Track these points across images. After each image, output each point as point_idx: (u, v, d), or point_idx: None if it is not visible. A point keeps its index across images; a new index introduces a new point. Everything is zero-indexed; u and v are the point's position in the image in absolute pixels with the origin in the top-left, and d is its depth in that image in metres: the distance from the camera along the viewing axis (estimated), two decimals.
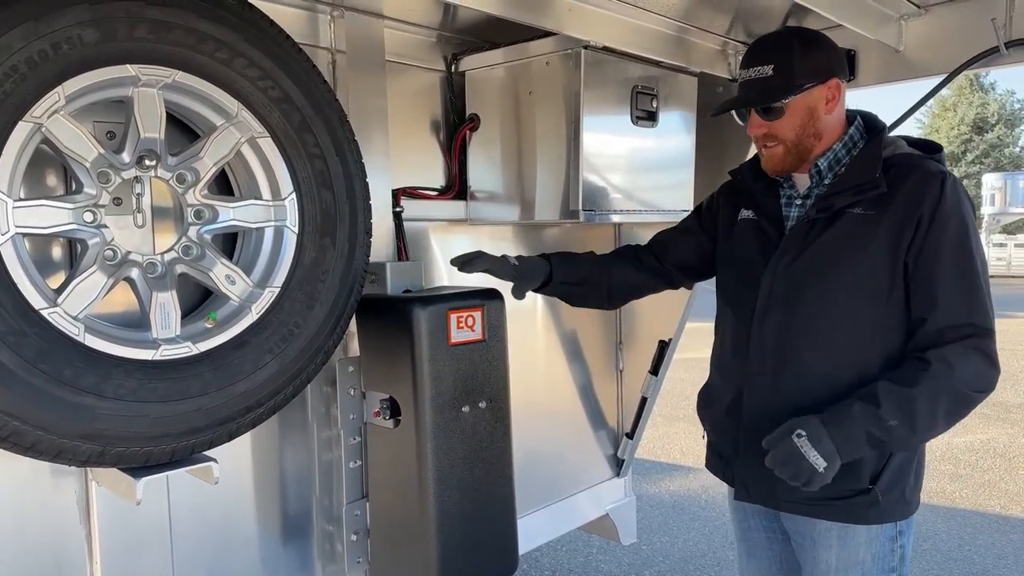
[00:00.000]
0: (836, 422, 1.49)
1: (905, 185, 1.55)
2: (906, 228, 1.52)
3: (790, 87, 1.57)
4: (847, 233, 1.57)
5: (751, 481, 1.71)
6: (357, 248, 1.67)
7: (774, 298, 1.65)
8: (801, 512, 1.67)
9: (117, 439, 1.33)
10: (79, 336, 1.32)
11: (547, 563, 3.94)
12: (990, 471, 5.43)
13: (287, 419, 1.94)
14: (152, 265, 1.47)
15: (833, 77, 1.59)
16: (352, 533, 2.00)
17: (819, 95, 1.59)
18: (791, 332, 1.63)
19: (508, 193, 2.29)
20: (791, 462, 1.49)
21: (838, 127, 1.64)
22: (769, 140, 1.64)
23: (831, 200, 1.59)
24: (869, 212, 1.56)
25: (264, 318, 1.54)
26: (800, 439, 1.48)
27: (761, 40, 1.68)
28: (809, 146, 1.62)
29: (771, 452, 1.52)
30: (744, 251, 1.76)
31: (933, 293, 1.52)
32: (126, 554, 1.66)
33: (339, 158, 1.63)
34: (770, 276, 1.65)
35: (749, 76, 1.62)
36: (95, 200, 1.38)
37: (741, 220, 1.78)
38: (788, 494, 1.64)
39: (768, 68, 1.58)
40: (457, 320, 1.82)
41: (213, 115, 1.51)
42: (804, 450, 1.47)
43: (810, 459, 1.47)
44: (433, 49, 2.29)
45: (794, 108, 1.59)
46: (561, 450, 2.79)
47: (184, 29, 1.39)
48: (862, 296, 1.56)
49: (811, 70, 1.57)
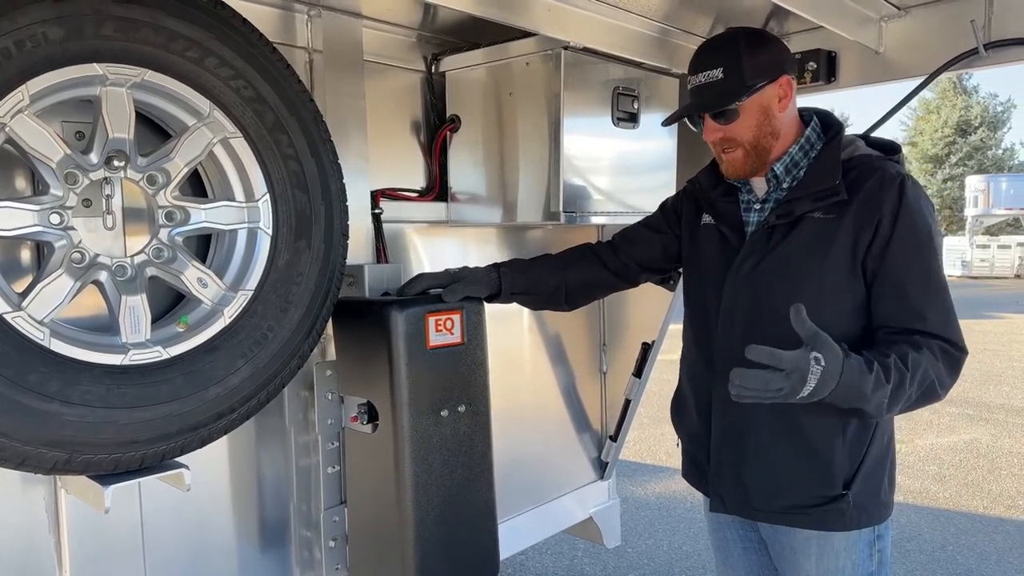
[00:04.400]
0: (854, 374, 1.36)
1: (864, 188, 1.53)
2: (864, 231, 1.50)
3: (742, 88, 1.53)
4: (807, 238, 1.55)
5: (725, 492, 1.69)
6: (333, 250, 1.65)
7: (737, 305, 1.63)
8: (776, 521, 1.65)
9: (84, 446, 1.30)
10: (44, 341, 1.28)
11: (532, 567, 3.92)
12: (973, 471, 5.46)
13: (264, 424, 1.91)
14: (122, 268, 1.44)
15: (784, 74, 1.57)
16: (330, 539, 1.98)
17: (771, 93, 1.56)
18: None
19: (489, 195, 2.27)
20: (792, 375, 1.32)
21: (793, 126, 1.62)
22: (727, 144, 1.60)
23: (791, 206, 1.57)
24: (829, 216, 1.54)
25: (237, 322, 1.51)
26: (816, 364, 1.33)
27: (707, 44, 1.64)
28: (768, 146, 1.59)
29: (784, 354, 1.33)
30: (706, 257, 1.73)
31: (902, 300, 1.50)
32: (96, 564, 1.63)
33: (314, 159, 1.61)
34: (732, 282, 1.63)
35: (699, 81, 1.58)
36: (62, 202, 1.35)
37: (704, 225, 1.76)
38: (763, 504, 1.62)
39: (717, 71, 1.54)
40: (436, 323, 1.79)
41: (184, 115, 1.48)
42: (811, 373, 1.32)
43: (809, 384, 1.32)
44: (413, 49, 2.27)
45: (748, 109, 1.56)
46: (544, 453, 2.77)
47: (153, 27, 1.36)
48: (824, 301, 1.52)
49: (761, 68, 1.54)
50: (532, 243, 2.64)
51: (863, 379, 1.38)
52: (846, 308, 1.54)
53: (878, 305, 1.53)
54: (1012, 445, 6.07)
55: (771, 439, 1.60)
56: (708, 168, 1.76)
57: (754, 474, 1.63)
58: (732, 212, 1.69)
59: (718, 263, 1.68)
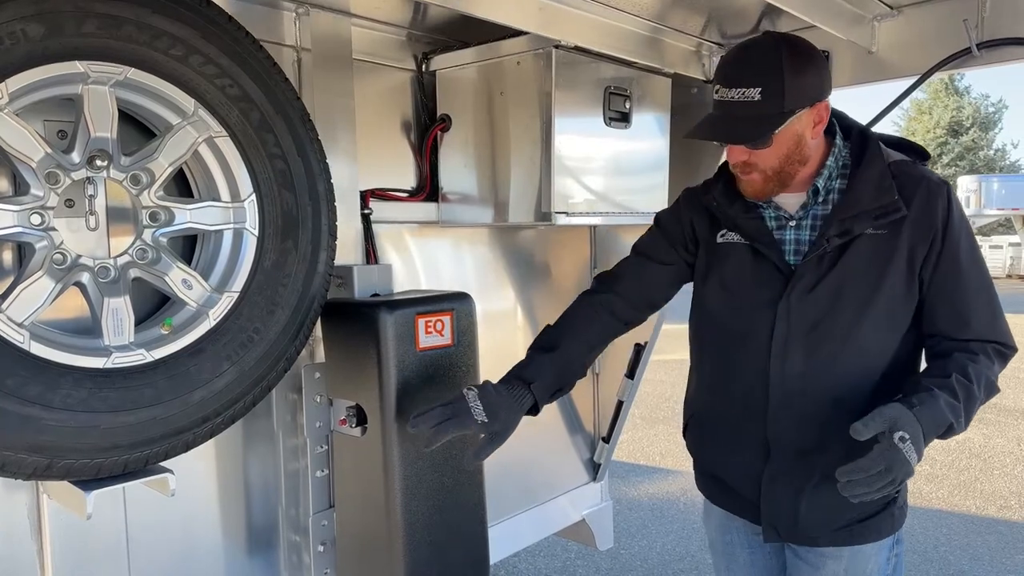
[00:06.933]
0: (929, 418, 1.36)
1: (915, 201, 1.47)
2: (920, 245, 1.47)
3: (779, 116, 1.41)
4: (864, 257, 1.49)
5: (781, 523, 1.62)
6: (321, 251, 1.62)
7: (793, 332, 1.52)
8: (834, 543, 1.59)
9: (65, 451, 1.28)
10: (24, 344, 1.26)
11: (524, 569, 3.91)
12: (965, 471, 5.47)
13: (251, 428, 1.88)
14: (104, 269, 1.41)
15: (823, 99, 1.47)
16: (319, 544, 1.95)
17: (807, 120, 1.45)
18: (816, 368, 1.52)
19: (480, 195, 2.25)
20: (896, 468, 1.29)
21: (821, 143, 1.53)
22: (748, 168, 1.50)
23: (848, 224, 1.48)
24: (882, 232, 1.48)
25: (222, 324, 1.49)
26: (904, 443, 1.30)
27: (743, 52, 1.48)
28: (793, 172, 1.50)
29: (870, 462, 1.30)
30: (740, 280, 1.60)
31: (961, 312, 1.49)
32: (80, 571, 1.60)
33: (301, 158, 1.59)
34: (785, 308, 1.53)
35: (731, 97, 1.43)
36: (43, 202, 1.32)
37: (726, 244, 1.63)
38: (821, 529, 1.58)
39: (755, 92, 1.40)
40: (425, 325, 1.77)
41: (169, 114, 1.46)
42: (908, 455, 1.30)
43: (911, 463, 1.31)
44: (403, 48, 2.25)
45: (782, 137, 1.44)
46: (537, 455, 2.75)
47: (136, 24, 1.34)
48: (884, 319, 1.50)
49: (802, 93, 1.42)
50: (523, 244, 2.63)
51: (938, 414, 1.37)
52: (904, 323, 1.52)
53: (932, 315, 1.51)
54: (1005, 445, 6.08)
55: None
56: (723, 182, 1.63)
57: (815, 504, 1.57)
58: (762, 230, 1.57)
59: (759, 286, 1.57)
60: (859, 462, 1.30)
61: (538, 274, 2.69)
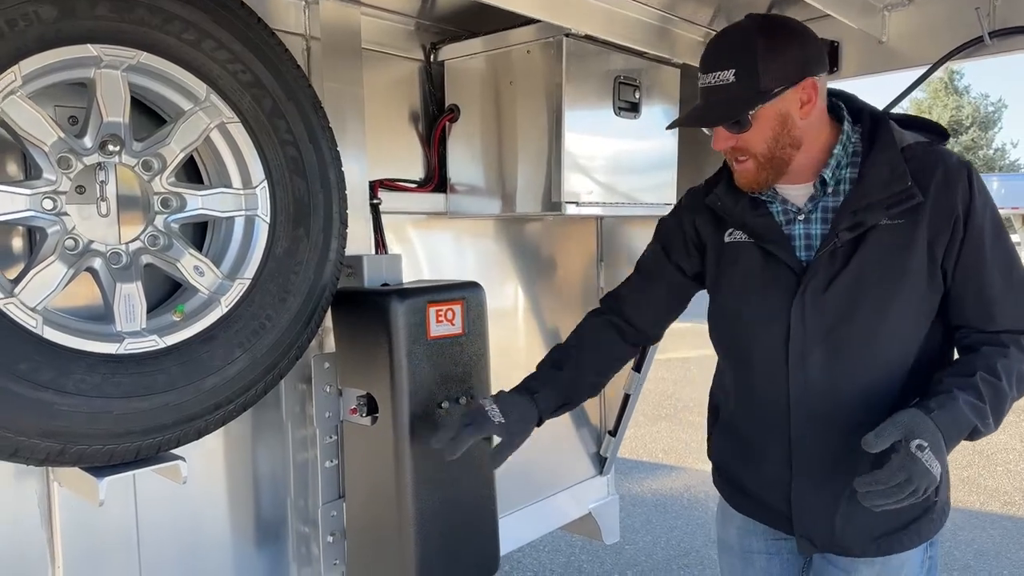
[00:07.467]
0: (949, 422, 1.30)
1: (932, 185, 1.39)
2: (942, 233, 1.39)
3: (755, 96, 1.36)
4: (881, 249, 1.41)
5: (816, 534, 1.55)
6: (332, 239, 1.61)
7: (810, 335, 1.46)
8: (868, 553, 1.52)
9: (78, 436, 1.27)
10: (37, 328, 1.25)
11: (529, 564, 3.90)
12: (969, 468, 5.47)
13: (261, 417, 1.87)
14: (116, 255, 1.40)
15: (807, 76, 1.38)
16: (328, 535, 1.94)
17: (792, 99, 1.38)
18: (836, 370, 1.45)
19: (489, 186, 2.24)
20: (917, 478, 1.24)
21: (823, 128, 1.45)
22: (739, 154, 1.45)
23: (860, 217, 1.41)
24: (899, 222, 1.40)
25: (234, 311, 1.48)
26: (923, 452, 1.25)
27: (720, 37, 1.45)
28: (787, 157, 1.43)
29: (888, 474, 1.25)
30: (749, 281, 1.54)
31: (988, 303, 1.41)
32: (90, 559, 1.59)
33: (313, 145, 1.58)
34: (799, 306, 1.46)
35: (708, 82, 1.40)
36: (55, 187, 1.31)
37: (730, 243, 1.58)
38: (858, 539, 1.51)
39: (728, 74, 1.36)
40: (437, 313, 1.77)
41: (181, 99, 1.45)
42: (928, 464, 1.25)
43: (933, 472, 1.25)
44: (411, 37, 2.24)
45: (763, 118, 1.39)
46: (543, 448, 2.74)
47: (149, 8, 1.33)
48: (906, 313, 1.42)
49: (780, 72, 1.36)
50: (531, 236, 2.62)
51: (960, 417, 1.31)
52: (928, 314, 1.45)
53: (958, 307, 1.44)
54: (1008, 441, 6.08)
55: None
56: (724, 181, 1.58)
57: (851, 515, 1.50)
58: (771, 226, 1.51)
59: (770, 287, 1.51)
60: (876, 474, 1.25)
61: (545, 266, 2.68)
